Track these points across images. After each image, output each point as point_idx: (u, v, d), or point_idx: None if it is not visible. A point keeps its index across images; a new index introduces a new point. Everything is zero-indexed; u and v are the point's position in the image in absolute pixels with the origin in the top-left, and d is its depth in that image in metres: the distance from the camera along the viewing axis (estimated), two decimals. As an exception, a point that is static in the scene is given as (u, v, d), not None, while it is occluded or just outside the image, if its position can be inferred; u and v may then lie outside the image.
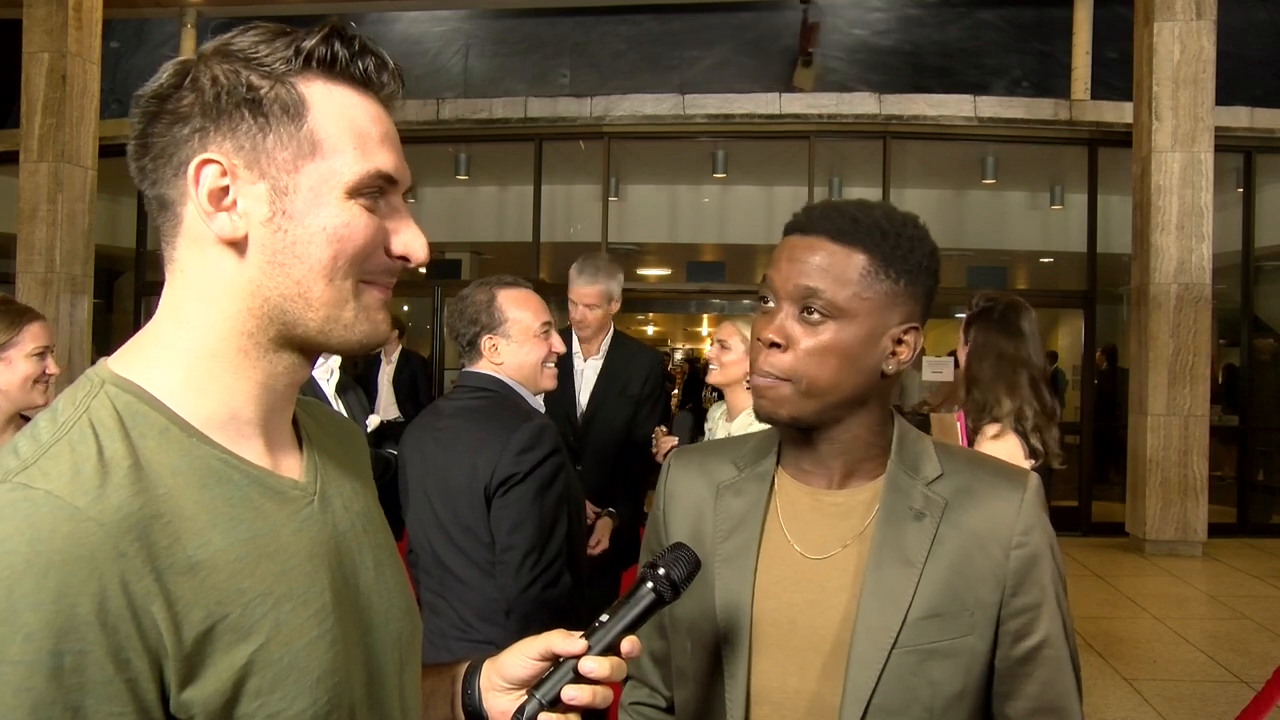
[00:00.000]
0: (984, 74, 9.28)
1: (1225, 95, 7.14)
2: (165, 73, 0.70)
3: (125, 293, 10.08)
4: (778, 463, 1.11)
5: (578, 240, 9.53)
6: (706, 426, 2.96)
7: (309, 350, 0.73)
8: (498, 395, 2.02)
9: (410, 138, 0.76)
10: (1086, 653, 4.64)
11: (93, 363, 0.72)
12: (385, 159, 0.71)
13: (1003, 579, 1.01)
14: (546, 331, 2.07)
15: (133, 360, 0.70)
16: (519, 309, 2.04)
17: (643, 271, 11.89)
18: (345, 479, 0.80)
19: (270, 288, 0.69)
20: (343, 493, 0.78)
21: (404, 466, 2.09)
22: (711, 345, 2.89)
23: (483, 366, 2.05)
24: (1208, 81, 6.79)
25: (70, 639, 0.56)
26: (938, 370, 7.69)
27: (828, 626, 1.02)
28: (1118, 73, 8.10)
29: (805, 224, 1.03)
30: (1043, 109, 8.24)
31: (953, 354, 4.68)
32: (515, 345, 2.03)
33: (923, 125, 8.33)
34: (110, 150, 7.77)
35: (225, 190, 0.67)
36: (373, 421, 2.54)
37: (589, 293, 3.03)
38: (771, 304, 1.03)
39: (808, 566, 1.04)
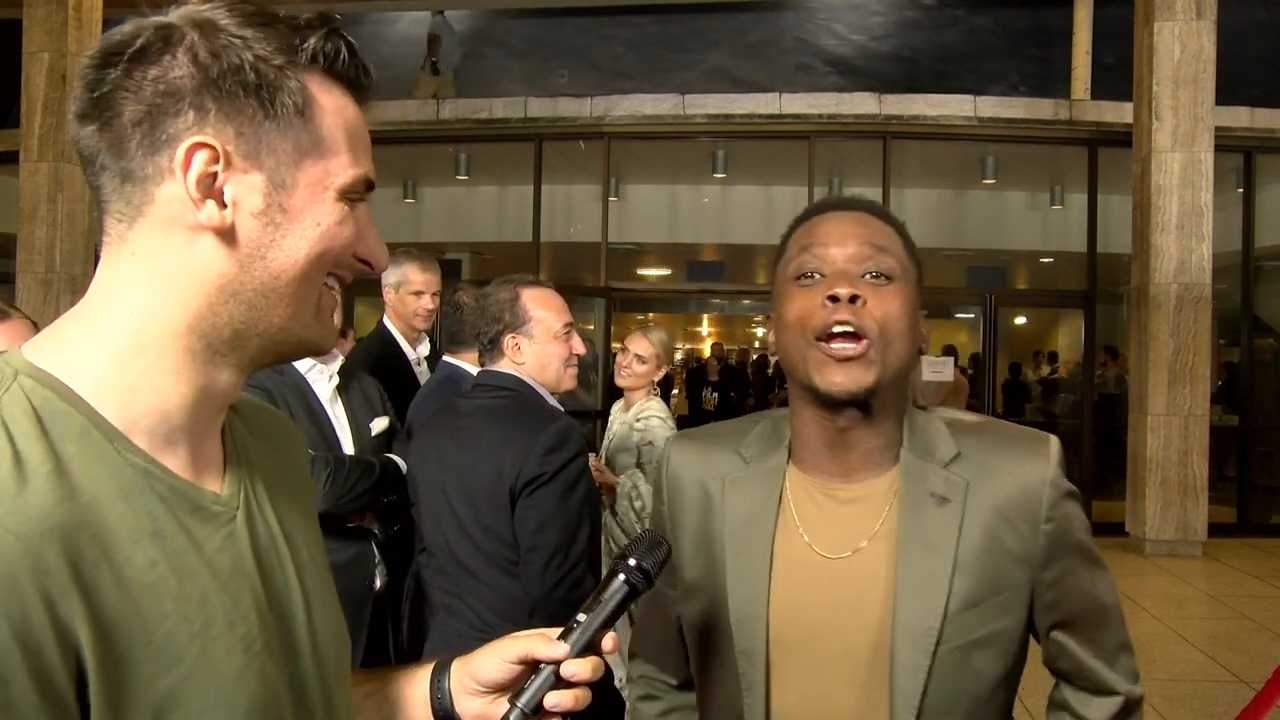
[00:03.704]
0: (982, 79, 9.29)
1: (1225, 95, 7.13)
2: (143, 31, 0.63)
3: (125, 293, 10.07)
4: (789, 457, 1.05)
5: (578, 240, 9.53)
6: (609, 420, 3.40)
7: (257, 358, 0.69)
8: (519, 395, 1.99)
9: (410, 138, 0.75)
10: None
11: None
12: (369, 165, 0.70)
13: (1034, 555, 0.97)
14: (568, 332, 2.06)
15: (54, 350, 0.63)
16: (542, 308, 2.03)
17: (643, 271, 11.88)
18: (273, 488, 0.74)
19: (244, 281, 0.65)
20: (267, 506, 0.72)
21: (417, 465, 2.06)
22: (623, 353, 3.39)
23: (504, 365, 2.02)
24: (1208, 81, 6.79)
25: None
26: (938, 370, 7.68)
27: (860, 631, 0.96)
28: (1117, 73, 8.10)
29: (839, 204, 1.05)
30: (1043, 109, 8.24)
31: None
32: (538, 345, 2.01)
33: (923, 125, 8.32)
34: (110, 150, 7.75)
35: (214, 176, 0.63)
36: (378, 424, 2.45)
37: (437, 280, 3.06)
38: (820, 277, 0.98)
39: (828, 568, 0.98)
